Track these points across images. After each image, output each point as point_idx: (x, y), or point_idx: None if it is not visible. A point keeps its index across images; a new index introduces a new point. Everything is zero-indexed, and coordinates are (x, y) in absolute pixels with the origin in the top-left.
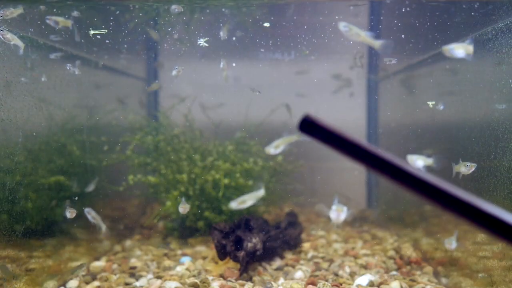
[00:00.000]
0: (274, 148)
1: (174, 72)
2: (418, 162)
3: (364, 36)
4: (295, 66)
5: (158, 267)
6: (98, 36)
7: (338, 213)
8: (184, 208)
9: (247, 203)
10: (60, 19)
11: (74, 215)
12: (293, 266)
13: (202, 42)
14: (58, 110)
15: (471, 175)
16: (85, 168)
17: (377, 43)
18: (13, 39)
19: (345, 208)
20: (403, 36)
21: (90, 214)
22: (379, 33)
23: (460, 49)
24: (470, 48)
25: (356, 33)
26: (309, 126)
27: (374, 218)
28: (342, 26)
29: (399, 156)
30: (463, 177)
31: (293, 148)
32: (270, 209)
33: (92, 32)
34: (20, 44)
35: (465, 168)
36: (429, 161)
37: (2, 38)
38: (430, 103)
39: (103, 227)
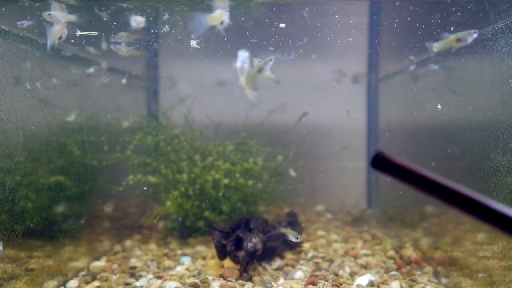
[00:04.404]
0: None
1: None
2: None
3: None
4: (295, 66)
5: (158, 267)
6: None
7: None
8: None
9: None
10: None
11: None
12: (293, 266)
13: (194, 43)
14: (58, 110)
15: (472, 175)
16: (85, 168)
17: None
18: (64, 17)
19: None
20: (402, 35)
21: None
22: (379, 32)
23: None
24: None
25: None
26: (382, 162)
27: (374, 218)
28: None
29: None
30: (462, 177)
31: (293, 148)
32: (270, 209)
33: (79, 33)
34: (72, 17)
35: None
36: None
37: (50, 20)
38: (439, 106)
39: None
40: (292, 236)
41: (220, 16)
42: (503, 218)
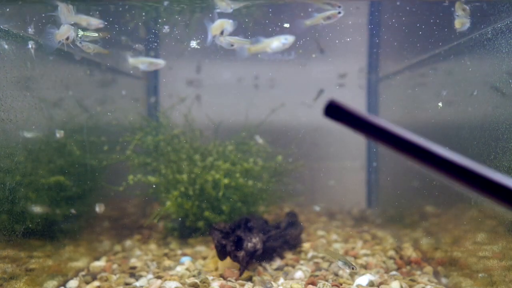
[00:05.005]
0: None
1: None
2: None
3: None
4: (295, 66)
5: (158, 267)
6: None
7: None
8: None
9: None
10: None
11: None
12: (293, 266)
13: (194, 44)
14: (58, 110)
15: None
16: (85, 168)
17: None
18: (95, 49)
19: None
20: (402, 35)
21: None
22: (379, 32)
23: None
24: None
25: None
26: (334, 111)
27: (374, 218)
28: None
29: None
30: None
31: (293, 148)
32: (270, 209)
33: (81, 33)
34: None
35: None
36: None
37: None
38: (440, 104)
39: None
40: (344, 264)
41: (221, 25)
42: (457, 168)
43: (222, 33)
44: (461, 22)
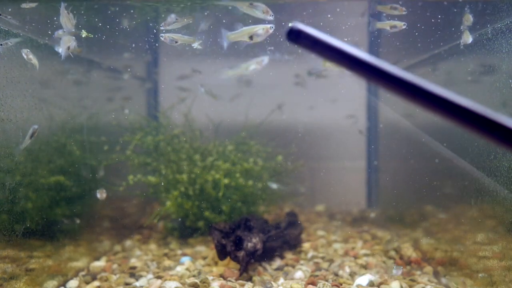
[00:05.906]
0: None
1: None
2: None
3: None
4: (295, 65)
5: (158, 267)
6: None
7: None
8: None
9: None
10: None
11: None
12: (293, 266)
13: (196, 45)
14: (58, 110)
15: (472, 175)
16: (85, 168)
17: None
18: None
19: None
20: (402, 35)
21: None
22: (379, 32)
23: None
24: None
25: None
26: (297, 34)
27: (374, 218)
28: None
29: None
30: (463, 177)
31: (293, 148)
32: (270, 209)
33: (84, 34)
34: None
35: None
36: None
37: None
38: None
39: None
40: None
41: (246, 32)
42: (398, 80)
43: (251, 38)
44: (468, 35)
